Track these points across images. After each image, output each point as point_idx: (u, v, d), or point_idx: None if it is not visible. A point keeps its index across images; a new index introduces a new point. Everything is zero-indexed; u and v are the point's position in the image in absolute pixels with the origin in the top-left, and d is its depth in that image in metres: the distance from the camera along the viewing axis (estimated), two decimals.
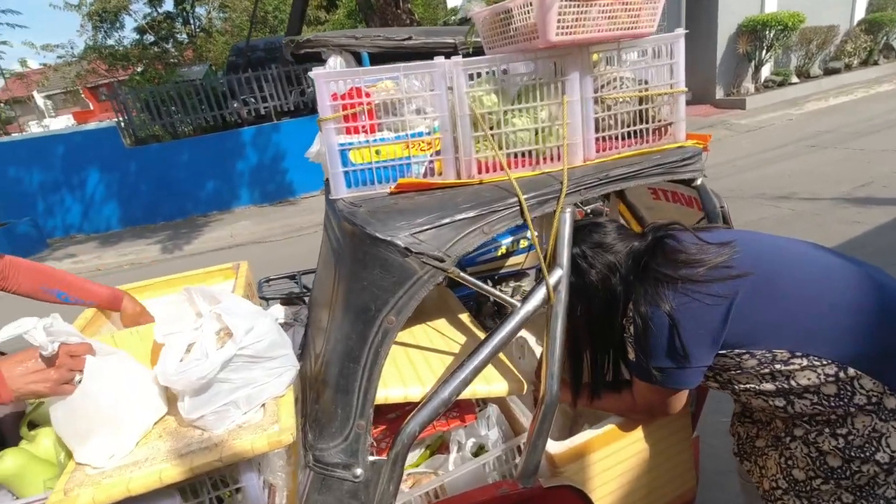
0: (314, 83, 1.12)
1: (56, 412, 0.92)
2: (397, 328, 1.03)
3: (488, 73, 1.19)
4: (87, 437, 0.93)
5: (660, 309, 1.03)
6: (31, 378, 0.88)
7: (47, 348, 0.86)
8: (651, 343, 1.06)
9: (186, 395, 0.98)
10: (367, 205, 1.10)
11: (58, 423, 0.93)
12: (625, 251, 1.17)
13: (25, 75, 13.46)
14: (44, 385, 0.89)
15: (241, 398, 1.01)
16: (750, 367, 1.04)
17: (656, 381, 1.09)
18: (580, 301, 1.19)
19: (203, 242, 7.05)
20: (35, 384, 0.88)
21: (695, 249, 1.10)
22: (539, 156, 1.25)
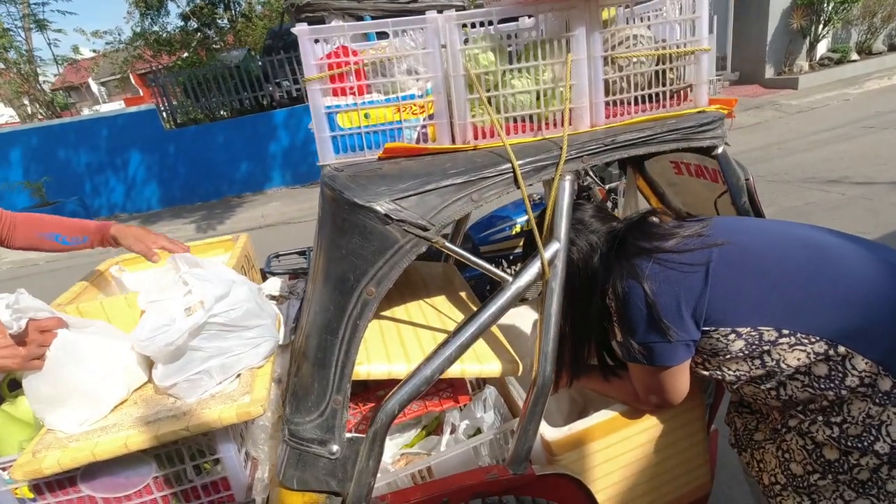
0: (298, 41, 1.06)
1: (28, 383, 0.92)
2: (377, 300, 0.98)
3: (485, 28, 1.10)
4: (57, 406, 0.92)
5: (636, 281, 1.01)
6: (1, 353, 0.88)
7: (12, 327, 0.85)
8: (631, 318, 1.03)
9: (159, 362, 0.96)
10: (349, 170, 1.04)
11: (29, 392, 0.92)
12: (605, 230, 1.15)
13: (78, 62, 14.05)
14: (12, 360, 0.89)
15: (214, 367, 0.98)
16: (738, 349, 0.98)
17: (643, 359, 1.04)
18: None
19: (236, 223, 7.22)
20: (3, 359, 0.88)
21: (671, 225, 1.11)
22: (541, 121, 1.15)
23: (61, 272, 6.20)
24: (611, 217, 1.21)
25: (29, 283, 5.79)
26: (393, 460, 1.31)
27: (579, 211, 1.18)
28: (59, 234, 1.23)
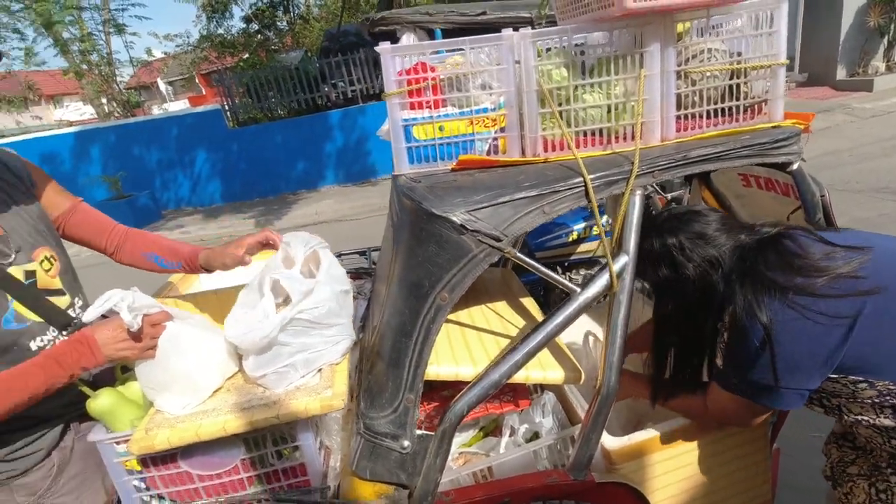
0: (380, 58, 1.12)
1: (140, 369, 1.04)
2: (450, 305, 1.03)
3: (559, 45, 1.14)
4: (164, 390, 1.03)
5: (760, 321, 0.90)
6: (120, 346, 0.99)
7: (133, 325, 0.97)
8: (744, 355, 0.94)
9: (251, 355, 1.05)
10: (426, 181, 1.09)
11: (141, 377, 1.04)
12: (729, 245, 1.04)
13: (150, 63, 14.98)
14: (130, 352, 1.00)
15: (299, 361, 1.06)
16: (867, 397, 0.91)
17: (742, 393, 0.98)
18: (673, 296, 1.10)
19: (291, 219, 7.50)
20: (123, 351, 1.00)
21: (818, 254, 0.94)
22: (611, 134, 1.17)
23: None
24: (738, 227, 1.09)
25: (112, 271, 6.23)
26: (452, 459, 1.36)
27: (699, 223, 1.08)
28: (159, 255, 1.29)
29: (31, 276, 1.07)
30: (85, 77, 9.30)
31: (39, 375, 0.94)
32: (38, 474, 1.08)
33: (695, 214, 1.11)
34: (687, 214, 1.11)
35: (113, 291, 0.99)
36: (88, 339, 0.96)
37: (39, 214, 1.16)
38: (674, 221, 1.09)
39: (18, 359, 1.00)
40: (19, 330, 1.02)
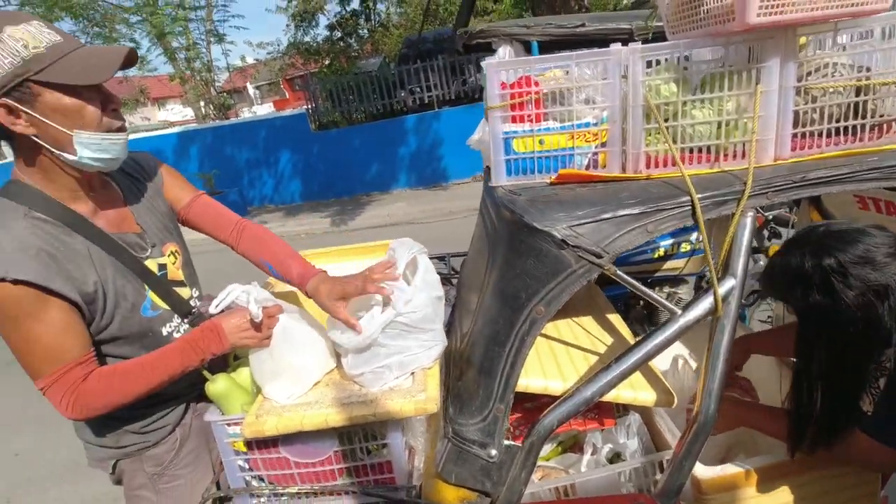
0: (485, 72, 1.15)
1: (253, 358, 1.13)
2: (545, 319, 1.03)
3: (668, 60, 1.11)
4: (273, 379, 1.12)
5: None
6: (244, 335, 1.09)
7: (258, 317, 1.05)
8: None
9: (350, 353, 1.11)
10: (526, 193, 1.11)
11: (254, 365, 1.13)
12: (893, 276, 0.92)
13: (244, 69, 16.14)
14: (251, 340, 1.09)
15: (394, 363, 1.10)
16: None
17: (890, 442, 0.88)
18: (822, 325, 0.99)
19: (364, 219, 7.77)
20: (246, 339, 1.09)
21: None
22: (720, 152, 1.13)
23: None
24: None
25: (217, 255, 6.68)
26: None
27: (866, 244, 0.97)
28: (271, 265, 1.30)
29: (163, 268, 1.19)
30: (188, 82, 10.15)
31: (177, 358, 1.05)
32: (165, 447, 1.20)
33: (860, 233, 0.98)
34: (850, 233, 0.99)
35: (234, 286, 1.08)
36: (218, 328, 1.06)
37: (167, 212, 1.28)
38: (833, 239, 0.97)
39: (152, 343, 1.13)
40: (154, 317, 1.14)
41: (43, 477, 2.89)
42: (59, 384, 0.98)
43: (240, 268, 1.47)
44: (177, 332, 1.19)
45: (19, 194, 1.00)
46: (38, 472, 2.94)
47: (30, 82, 0.90)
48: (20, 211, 0.98)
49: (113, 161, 1.04)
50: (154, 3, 8.35)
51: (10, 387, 3.98)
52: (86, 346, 1.01)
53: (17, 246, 0.93)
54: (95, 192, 1.10)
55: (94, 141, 0.98)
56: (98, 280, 1.02)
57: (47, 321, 0.95)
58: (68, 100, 0.93)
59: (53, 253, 0.96)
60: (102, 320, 1.04)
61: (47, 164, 1.00)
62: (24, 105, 0.91)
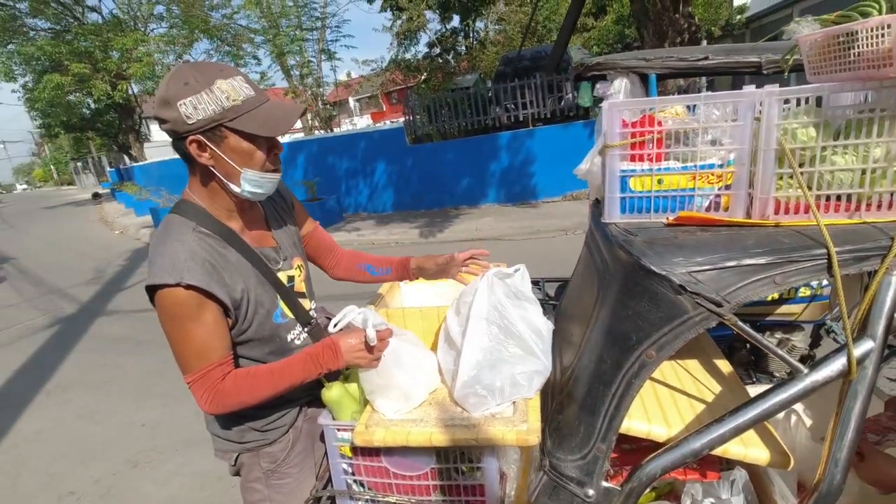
0: (603, 112, 1.16)
1: (363, 374, 1.21)
2: (656, 364, 1.01)
3: (808, 103, 1.05)
4: (381, 395, 1.20)
5: None
6: (357, 355, 1.17)
7: (373, 340, 1.14)
8: None
9: (460, 378, 1.16)
10: (643, 234, 1.09)
11: (363, 380, 1.22)
12: None
13: (349, 84, 17.26)
14: (363, 361, 1.18)
15: (497, 390, 1.13)
16: None
17: None
18: None
19: (452, 232, 7.92)
20: (359, 360, 1.18)
21: None
22: (862, 201, 1.05)
23: None
24: None
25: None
26: None
27: None
28: (371, 265, 1.55)
29: (291, 280, 1.32)
30: (300, 96, 11.02)
31: (300, 369, 1.15)
32: (279, 446, 1.32)
33: None
34: None
35: (351, 307, 1.17)
36: (336, 346, 1.16)
37: (296, 230, 1.43)
38: None
39: (279, 347, 1.25)
40: (283, 324, 1.27)
41: (164, 447, 3.25)
42: (203, 380, 1.11)
43: None
44: (298, 340, 1.31)
45: (189, 211, 1.16)
46: (161, 443, 3.30)
47: (222, 126, 1.08)
48: (190, 225, 1.14)
49: (264, 194, 1.20)
50: (277, 26, 9.20)
51: (140, 364, 4.54)
52: (228, 349, 1.15)
53: (188, 255, 1.08)
54: (245, 213, 1.25)
55: (255, 178, 1.14)
56: (245, 288, 1.16)
57: (203, 322, 1.09)
58: (245, 144, 1.10)
59: (214, 263, 1.11)
60: (244, 324, 1.18)
61: (215, 189, 1.17)
62: (212, 143, 1.09)
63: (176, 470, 3.02)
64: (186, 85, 1.04)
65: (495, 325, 1.17)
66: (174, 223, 1.15)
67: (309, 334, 1.33)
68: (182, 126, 1.05)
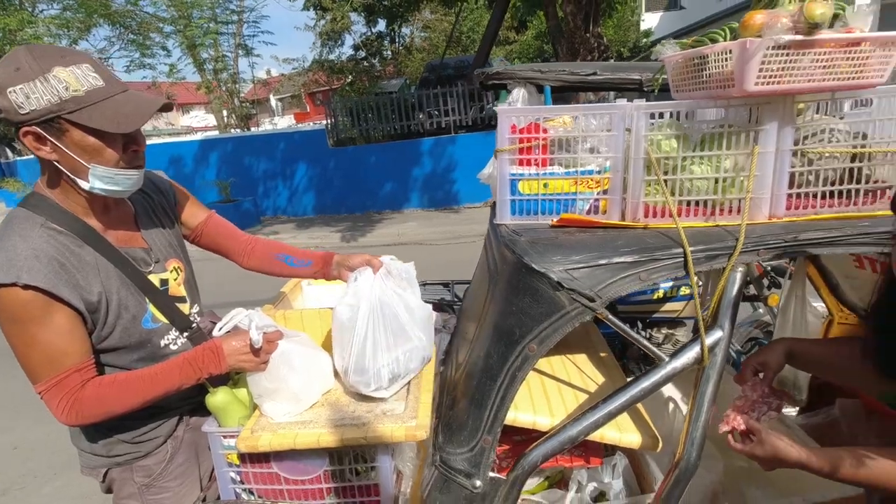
0: (497, 116, 1.21)
1: (251, 378, 1.18)
2: (537, 357, 1.07)
3: (671, 117, 1.17)
4: (270, 398, 1.17)
5: None
6: (242, 358, 1.13)
7: (258, 342, 1.10)
8: None
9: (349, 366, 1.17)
10: (528, 234, 1.15)
11: (251, 384, 1.18)
12: None
13: (268, 82, 16.58)
14: (249, 364, 1.14)
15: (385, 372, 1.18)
16: None
17: None
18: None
19: (375, 237, 7.86)
20: (243, 363, 1.13)
21: None
22: (716, 207, 1.17)
23: None
24: None
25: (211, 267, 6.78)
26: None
27: None
28: (289, 256, 1.44)
29: (165, 283, 1.23)
30: (213, 92, 10.44)
31: (176, 374, 1.09)
32: (155, 458, 1.23)
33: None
34: None
35: (238, 310, 1.13)
36: (218, 349, 1.10)
37: (174, 230, 1.33)
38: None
39: (150, 353, 1.17)
40: (154, 329, 1.18)
41: (41, 470, 2.92)
42: (56, 389, 1.02)
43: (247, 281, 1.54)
44: (174, 345, 1.23)
45: (38, 206, 1.06)
46: (37, 466, 2.97)
47: (61, 119, 0.97)
48: (37, 221, 1.04)
49: (122, 192, 1.10)
50: (188, 17, 8.68)
51: (6, 379, 4.05)
52: (86, 354, 1.06)
53: (30, 253, 0.98)
54: (109, 210, 1.16)
55: (107, 175, 1.04)
56: (102, 291, 1.07)
57: (52, 326, 1.00)
58: (91, 140, 1.00)
59: (64, 262, 1.02)
60: (104, 330, 1.09)
61: (65, 184, 1.07)
62: (51, 135, 0.99)
63: (54, 494, 2.73)
64: (18, 71, 0.93)
65: (380, 312, 1.21)
66: (18, 217, 1.04)
67: (189, 339, 1.25)
68: (15, 116, 0.95)
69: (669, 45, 1.19)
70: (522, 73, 1.63)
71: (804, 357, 1.20)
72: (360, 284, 1.25)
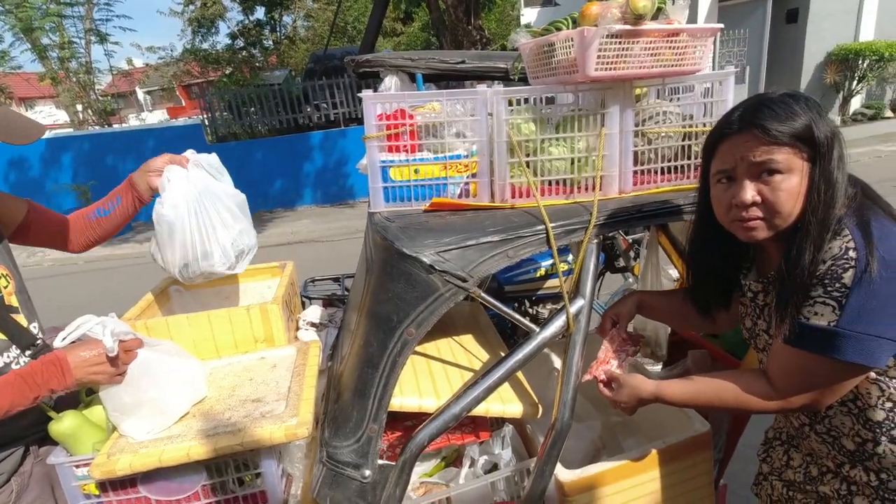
0: (362, 103, 1.20)
1: (106, 394, 1.05)
2: (416, 340, 1.08)
3: (529, 101, 1.23)
4: (130, 415, 1.05)
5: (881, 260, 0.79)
6: (94, 370, 1.00)
7: (113, 351, 0.99)
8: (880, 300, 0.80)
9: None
10: (399, 220, 1.16)
11: (107, 401, 1.06)
12: None
13: (130, 73, 14.86)
14: (102, 377, 1.02)
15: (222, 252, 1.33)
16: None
17: (859, 355, 0.82)
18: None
19: (267, 237, 7.45)
20: (95, 375, 1.01)
21: None
22: (574, 185, 1.27)
23: (98, 273, 6.49)
24: None
25: (70, 282, 6.01)
26: (413, 488, 1.39)
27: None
28: (99, 208, 1.35)
29: None
30: (62, 83, 9.17)
31: (7, 394, 0.94)
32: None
33: None
34: None
35: (87, 316, 1.01)
36: (61, 361, 0.97)
37: None
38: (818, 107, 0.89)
39: None
40: None
41: None
42: None
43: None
44: (15, 364, 1.07)
45: None
46: None
47: None
48: None
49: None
50: None
51: None
52: None
53: None
54: None
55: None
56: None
57: None
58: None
59: None
60: None
61: None
62: None
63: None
64: None
65: (205, 199, 1.33)
66: None
67: (33, 358, 1.10)
68: None
69: (522, 34, 1.26)
70: (393, 61, 1.63)
71: (651, 306, 1.32)
72: (174, 183, 1.30)
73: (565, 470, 1.27)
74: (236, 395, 1.20)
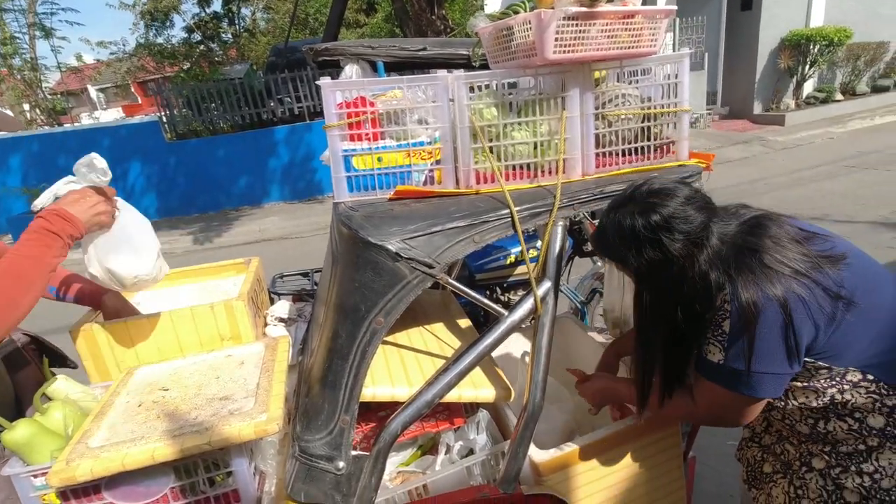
0: (321, 91, 1.18)
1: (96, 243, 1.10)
2: (385, 329, 1.07)
3: (489, 86, 1.23)
4: (115, 254, 1.11)
5: (773, 299, 0.87)
6: (96, 209, 0.98)
7: (104, 181, 1.01)
8: (758, 342, 0.89)
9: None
10: (364, 209, 1.14)
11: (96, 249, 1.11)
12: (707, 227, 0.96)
13: (80, 69, 14.19)
14: (105, 216, 1.01)
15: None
16: (820, 383, 0.95)
17: (746, 388, 0.94)
18: (659, 281, 0.99)
19: (233, 236, 7.28)
20: (99, 215, 0.99)
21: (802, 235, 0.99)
22: (538, 169, 1.27)
23: None
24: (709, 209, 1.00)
25: None
26: (390, 478, 1.39)
27: (680, 197, 0.97)
28: (54, 287, 1.30)
29: None
30: (4, 81, 8.69)
31: (31, 243, 0.90)
32: None
33: (675, 189, 0.99)
34: (668, 189, 0.99)
35: (63, 179, 1.07)
36: (61, 211, 0.93)
37: None
38: (656, 197, 0.98)
39: None
40: None
41: None
42: None
43: None
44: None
45: None
46: None
47: None
48: None
49: None
50: None
51: None
52: None
53: None
54: None
55: None
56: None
57: None
58: None
59: None
60: None
61: None
62: None
63: None
64: None
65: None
66: None
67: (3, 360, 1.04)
68: None
69: (481, 18, 1.25)
70: (353, 49, 1.60)
71: (626, 351, 1.46)
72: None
73: (539, 450, 1.29)
74: (202, 394, 1.17)
